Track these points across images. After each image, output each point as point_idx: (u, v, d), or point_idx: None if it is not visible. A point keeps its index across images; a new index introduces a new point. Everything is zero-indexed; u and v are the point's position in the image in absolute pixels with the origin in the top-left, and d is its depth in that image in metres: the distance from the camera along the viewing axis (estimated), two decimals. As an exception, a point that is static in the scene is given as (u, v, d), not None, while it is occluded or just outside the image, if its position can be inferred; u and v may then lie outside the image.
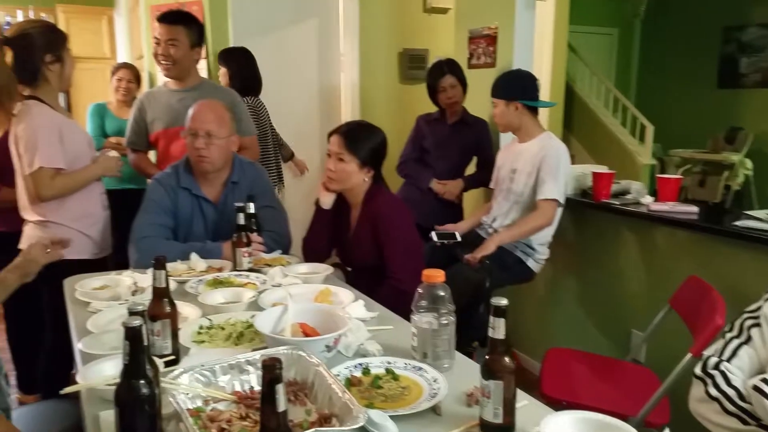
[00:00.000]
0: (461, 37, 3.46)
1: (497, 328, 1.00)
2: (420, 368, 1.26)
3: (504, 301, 1.01)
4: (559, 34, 5.86)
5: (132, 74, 3.63)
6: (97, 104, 3.63)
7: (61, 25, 5.80)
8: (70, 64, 2.24)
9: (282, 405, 0.78)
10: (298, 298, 1.56)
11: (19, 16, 5.67)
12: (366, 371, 1.26)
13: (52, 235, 1.79)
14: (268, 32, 3.95)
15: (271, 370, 0.77)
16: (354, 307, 1.61)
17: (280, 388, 0.78)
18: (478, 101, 3.18)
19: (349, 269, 2.30)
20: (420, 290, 1.31)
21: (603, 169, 2.87)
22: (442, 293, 1.29)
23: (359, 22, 4.14)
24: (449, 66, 3.14)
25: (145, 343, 0.93)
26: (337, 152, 2.06)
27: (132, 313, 0.97)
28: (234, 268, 2.00)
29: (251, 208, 2.08)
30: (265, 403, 0.78)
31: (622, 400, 1.94)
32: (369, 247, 2.09)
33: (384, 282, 1.99)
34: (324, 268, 1.99)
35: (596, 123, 6.85)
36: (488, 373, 1.01)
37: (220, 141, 2.16)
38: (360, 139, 2.06)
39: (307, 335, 1.36)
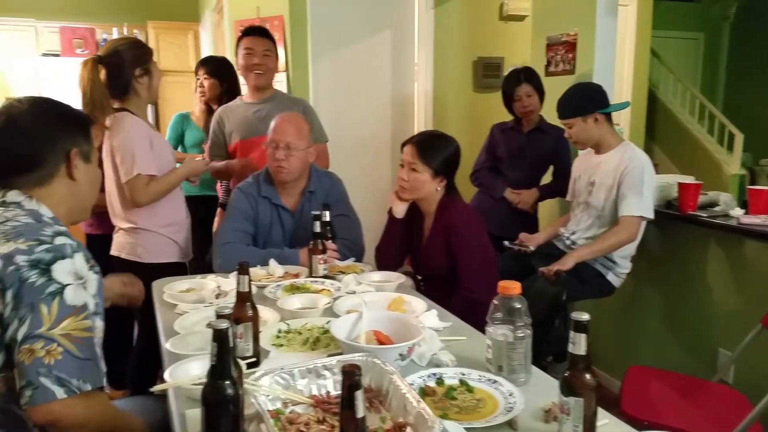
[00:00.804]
0: (538, 44, 3.40)
1: (578, 344, 0.98)
2: (495, 381, 1.25)
3: (585, 316, 0.98)
4: (641, 39, 5.67)
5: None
6: (180, 114, 3.72)
7: (151, 40, 6.18)
8: (157, 77, 2.37)
9: (361, 411, 0.80)
10: (371, 306, 1.58)
11: (115, 33, 6.07)
12: (440, 381, 1.26)
13: (133, 278, 1.87)
14: (344, 44, 4.03)
15: (351, 377, 0.79)
16: (427, 317, 1.62)
17: (359, 395, 0.79)
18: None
19: (420, 278, 2.31)
20: (495, 302, 1.30)
21: (689, 179, 2.73)
22: (519, 306, 1.27)
23: (434, 31, 4.16)
24: (525, 74, 3.10)
25: (231, 345, 0.98)
26: (410, 162, 2.07)
27: (219, 316, 1.02)
28: (310, 275, 2.05)
29: (327, 216, 2.13)
30: (345, 409, 0.80)
31: (708, 422, 1.84)
32: (441, 257, 2.09)
33: (456, 292, 1.98)
34: (397, 277, 2.01)
35: (681, 131, 6.55)
36: (568, 389, 0.99)
37: (299, 153, 2.23)
38: (433, 148, 2.07)
39: (381, 343, 1.38)
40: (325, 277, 2.03)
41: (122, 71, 2.23)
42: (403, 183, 2.09)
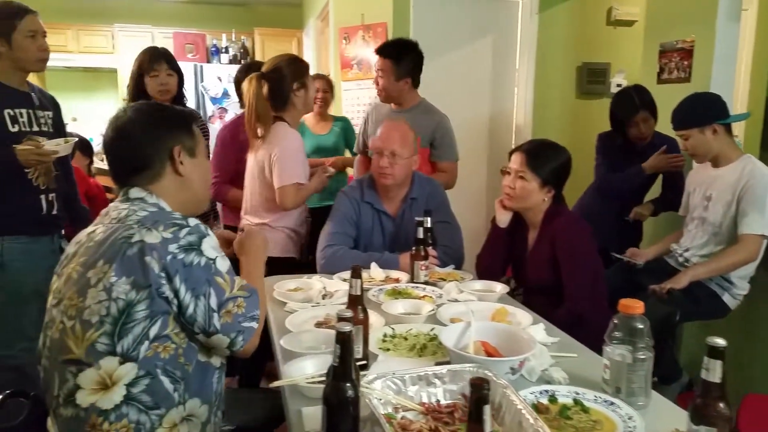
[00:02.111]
0: (651, 50, 3.25)
1: (713, 371, 0.93)
2: (612, 403, 1.20)
3: (721, 341, 0.93)
4: (761, 45, 5.27)
5: (327, 84, 3.70)
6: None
7: (257, 46, 6.46)
8: (312, 90, 2.56)
9: (488, 426, 0.79)
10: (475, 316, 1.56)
11: (224, 39, 6.40)
12: (552, 399, 1.23)
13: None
14: (445, 51, 4.03)
15: (479, 390, 0.79)
16: (534, 330, 1.58)
17: (487, 409, 0.79)
18: (668, 118, 2.95)
19: (521, 289, 2.27)
20: (615, 320, 1.25)
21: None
22: (641, 326, 1.22)
23: (537, 36, 4.08)
24: (641, 98, 2.87)
25: (354, 348, 1.00)
26: (518, 170, 2.04)
27: (342, 319, 1.05)
28: (411, 280, 2.06)
29: (428, 222, 2.14)
30: (472, 422, 0.80)
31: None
32: (546, 269, 2.04)
33: (562, 306, 1.92)
34: (500, 287, 1.98)
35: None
36: (700, 417, 0.93)
37: (403, 161, 2.26)
38: (543, 157, 2.02)
39: (489, 354, 1.37)
40: (426, 283, 2.04)
41: (282, 85, 2.42)
42: (509, 191, 2.06)
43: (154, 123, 1.38)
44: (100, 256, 1.22)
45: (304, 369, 1.32)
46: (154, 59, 2.70)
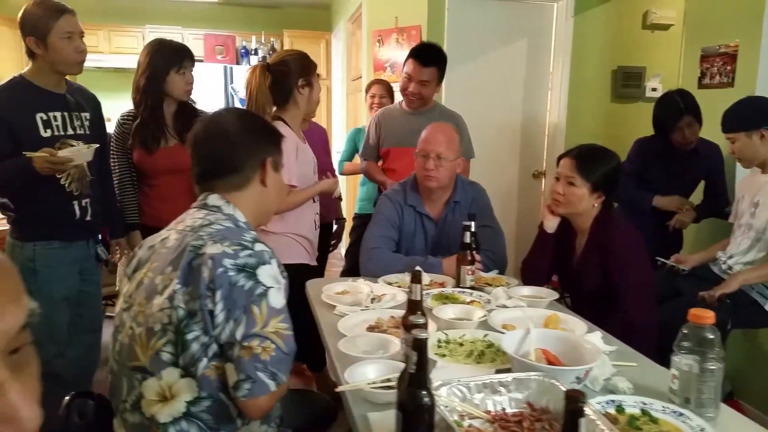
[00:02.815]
0: (692, 55, 3.20)
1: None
2: (681, 414, 1.18)
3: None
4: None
5: (385, 89, 3.68)
6: (355, 128, 3.81)
7: (285, 47, 6.48)
8: (317, 91, 2.47)
9: (583, 438, 0.78)
10: (526, 322, 1.55)
11: (253, 41, 6.44)
12: (620, 409, 1.21)
13: None
14: (478, 53, 4.02)
15: (575, 402, 0.78)
16: (591, 338, 1.56)
17: (583, 423, 0.78)
18: (710, 124, 2.91)
19: (568, 296, 2.25)
20: (685, 330, 1.23)
21: None
22: (711, 336, 1.20)
23: (572, 39, 4.05)
24: (686, 102, 2.83)
25: (429, 355, 0.99)
26: (568, 175, 2.02)
27: (416, 325, 1.04)
28: (457, 285, 2.05)
29: (473, 226, 2.12)
30: (566, 434, 0.79)
31: None
32: (594, 276, 2.02)
33: (613, 314, 1.89)
34: (548, 293, 1.96)
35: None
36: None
37: (448, 163, 2.24)
38: (593, 162, 2.00)
39: (550, 362, 1.35)
40: (472, 288, 2.03)
41: (287, 79, 2.33)
42: (557, 197, 2.04)
43: (255, 130, 1.40)
44: (169, 263, 1.23)
45: (366, 374, 1.32)
46: (185, 55, 2.47)
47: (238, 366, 1.15)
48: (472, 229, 2.09)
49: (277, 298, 1.20)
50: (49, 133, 2.12)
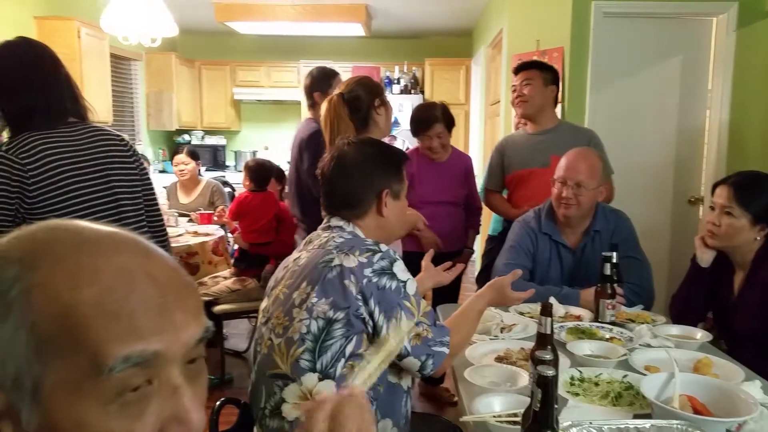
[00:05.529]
0: None
1: None
2: None
3: None
4: None
5: None
6: None
7: (427, 76, 6.64)
8: (390, 109, 2.49)
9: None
10: (672, 365, 1.42)
11: (396, 71, 6.67)
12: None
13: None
14: (627, 73, 3.82)
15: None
16: (749, 388, 1.40)
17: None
18: None
19: (723, 338, 2.03)
20: None
21: None
22: None
23: (734, 55, 3.70)
24: None
25: (556, 393, 0.96)
26: (725, 205, 1.84)
27: (541, 361, 1.01)
28: (595, 319, 1.95)
29: (615, 257, 2.01)
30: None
31: None
32: (757, 317, 1.81)
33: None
34: (701, 334, 1.79)
35: None
36: None
37: (589, 192, 2.15)
38: (755, 191, 1.81)
39: (697, 412, 1.23)
40: (613, 323, 1.91)
41: (362, 104, 2.37)
42: (713, 228, 1.86)
43: (372, 165, 1.48)
44: (303, 279, 1.34)
45: (491, 406, 1.30)
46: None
47: (415, 353, 1.33)
48: (614, 260, 1.98)
49: (413, 286, 1.37)
50: None
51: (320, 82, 2.94)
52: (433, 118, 3.03)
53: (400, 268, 1.36)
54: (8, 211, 1.60)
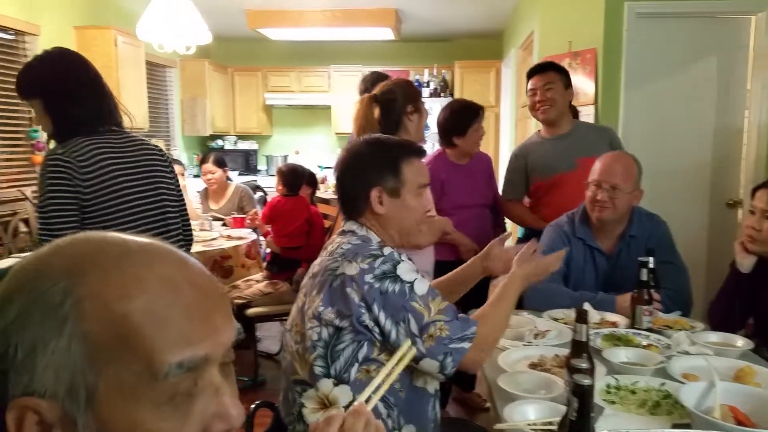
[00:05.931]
0: None
1: None
2: None
3: None
4: None
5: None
6: None
7: (456, 79, 6.62)
8: (425, 117, 2.44)
9: None
10: (712, 373, 1.39)
11: (426, 74, 6.67)
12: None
13: None
14: (661, 73, 3.75)
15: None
16: (794, 398, 1.36)
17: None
18: None
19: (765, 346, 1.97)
20: None
21: None
22: None
23: (775, 53, 3.61)
24: None
25: (593, 402, 0.95)
26: (765, 209, 1.80)
27: (578, 369, 1.00)
28: (632, 326, 1.91)
29: (651, 262, 1.97)
30: None
31: None
32: (800, 325, 1.75)
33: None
34: (742, 342, 1.75)
35: None
36: None
37: (625, 195, 2.11)
38: (798, 195, 1.76)
39: (739, 422, 1.20)
40: (650, 330, 1.87)
41: (395, 107, 2.32)
42: (753, 233, 1.82)
43: (361, 165, 1.46)
44: (314, 287, 1.36)
45: (526, 414, 1.29)
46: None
47: (431, 354, 1.28)
48: (651, 266, 1.94)
49: (422, 285, 1.32)
50: None
51: (375, 87, 2.91)
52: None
53: (404, 270, 1.31)
54: (76, 212, 1.63)
